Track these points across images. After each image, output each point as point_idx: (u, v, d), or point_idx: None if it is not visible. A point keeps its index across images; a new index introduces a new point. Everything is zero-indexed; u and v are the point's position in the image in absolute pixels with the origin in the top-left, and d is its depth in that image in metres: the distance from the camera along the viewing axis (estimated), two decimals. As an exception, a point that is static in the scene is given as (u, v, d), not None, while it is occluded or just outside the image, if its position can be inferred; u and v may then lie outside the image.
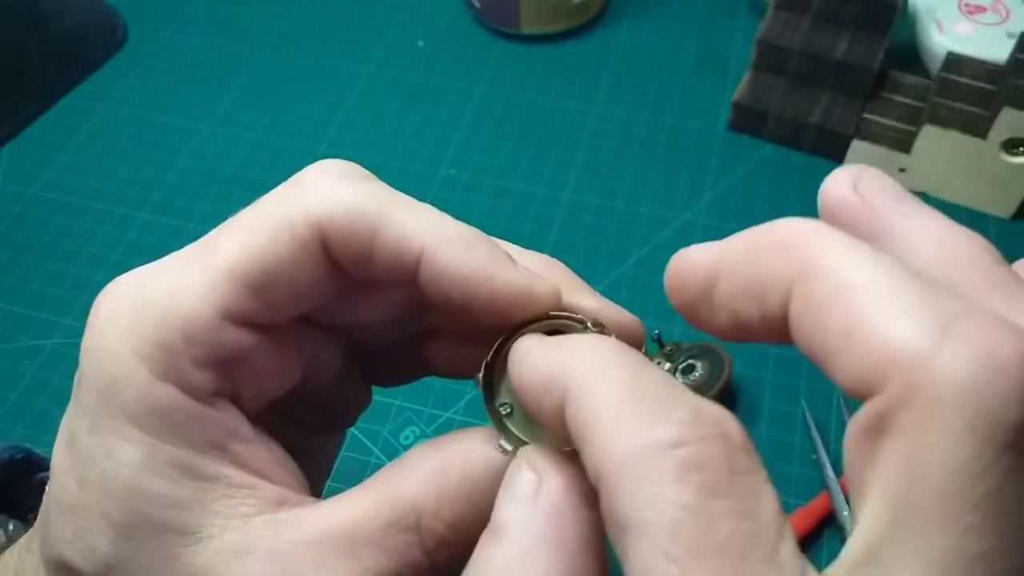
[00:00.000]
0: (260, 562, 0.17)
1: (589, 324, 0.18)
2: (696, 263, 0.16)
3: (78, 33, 0.59)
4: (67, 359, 0.42)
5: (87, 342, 0.19)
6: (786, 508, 0.33)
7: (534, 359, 0.17)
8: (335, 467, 0.26)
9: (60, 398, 0.41)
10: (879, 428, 0.12)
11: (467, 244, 0.19)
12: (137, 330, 0.18)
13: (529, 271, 0.19)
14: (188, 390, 0.18)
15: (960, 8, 0.52)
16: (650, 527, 0.13)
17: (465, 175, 0.50)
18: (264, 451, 0.19)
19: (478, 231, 0.20)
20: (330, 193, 0.19)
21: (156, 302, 0.18)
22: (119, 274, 0.19)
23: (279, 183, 0.56)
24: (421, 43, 0.58)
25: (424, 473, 0.18)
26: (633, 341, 0.19)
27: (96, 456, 0.18)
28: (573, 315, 0.19)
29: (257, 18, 0.60)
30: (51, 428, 0.40)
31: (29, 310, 0.44)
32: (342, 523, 0.18)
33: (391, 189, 0.20)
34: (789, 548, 0.13)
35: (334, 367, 0.22)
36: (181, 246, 0.52)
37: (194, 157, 0.51)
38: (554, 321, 0.19)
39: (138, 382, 0.18)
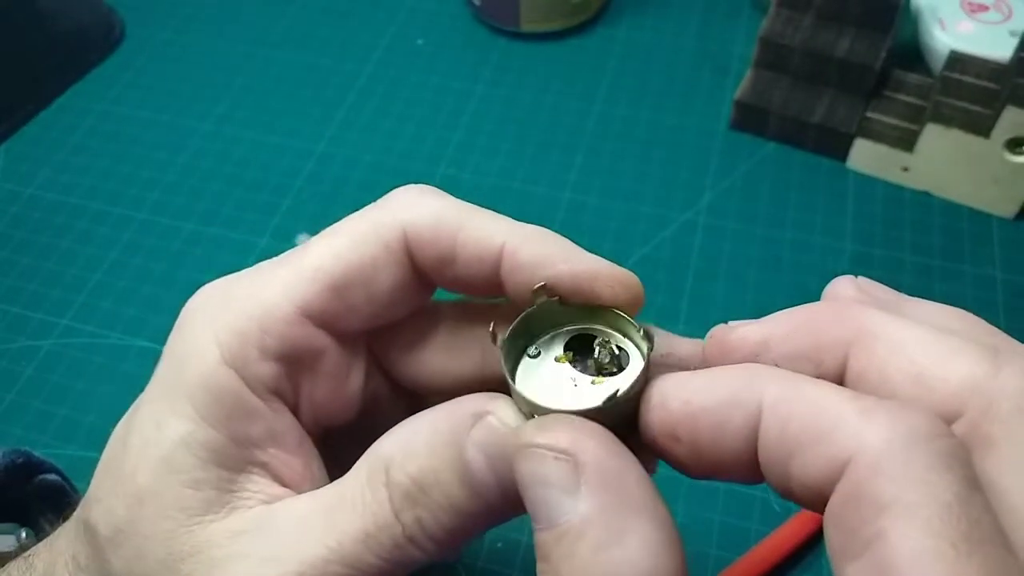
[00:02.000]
0: (250, 537, 0.18)
1: (639, 328, 0.19)
2: (746, 335, 0.18)
3: (76, 32, 0.59)
4: (64, 359, 0.42)
5: (181, 322, 0.20)
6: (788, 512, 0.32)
7: (705, 384, 0.17)
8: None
9: (57, 398, 0.40)
10: (858, 498, 0.14)
11: (544, 236, 0.20)
12: (220, 317, 0.19)
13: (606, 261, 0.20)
14: (249, 380, 0.19)
15: (962, 6, 0.52)
16: (922, 510, 0.13)
17: (465, 174, 0.49)
18: (300, 465, 0.20)
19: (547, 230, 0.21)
20: (415, 202, 0.21)
21: (242, 294, 0.20)
22: (117, 274, 0.20)
23: (278, 183, 0.56)
24: (421, 42, 0.58)
25: (397, 432, 0.19)
26: (636, 299, 0.20)
27: (146, 422, 0.19)
28: (624, 315, 0.20)
29: (256, 17, 0.60)
30: (48, 428, 0.40)
31: (26, 310, 0.44)
32: (328, 494, 0.19)
33: (471, 204, 0.22)
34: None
35: (394, 414, 0.22)
36: (179, 246, 0.52)
37: (192, 156, 0.51)
38: (603, 314, 0.20)
39: (206, 362, 0.19)
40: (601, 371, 0.19)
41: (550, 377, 0.19)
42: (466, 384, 0.22)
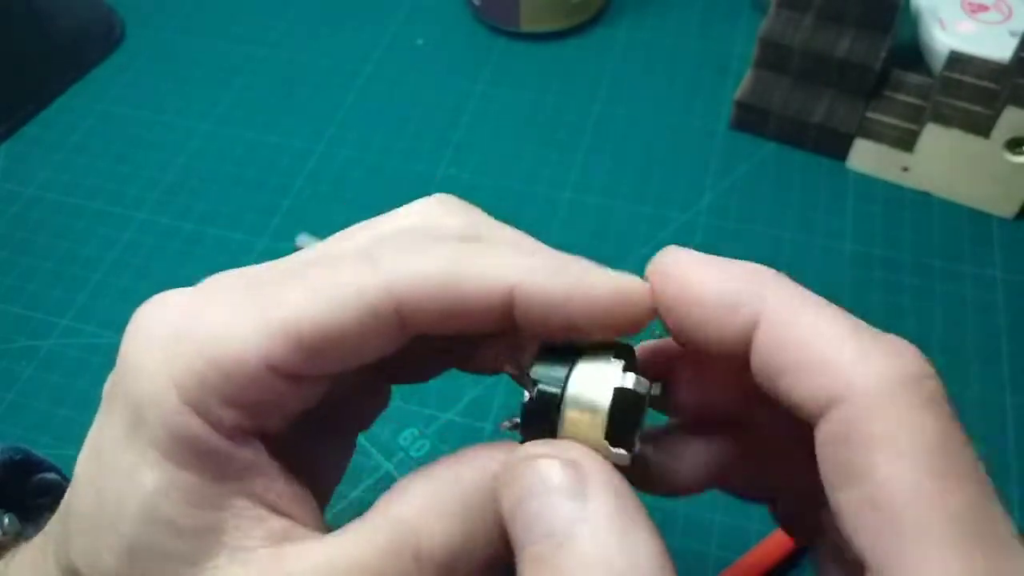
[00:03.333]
0: None
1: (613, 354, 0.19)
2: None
3: (75, 32, 0.59)
4: (64, 359, 0.42)
5: (126, 355, 0.18)
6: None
7: (708, 275, 0.17)
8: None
9: (57, 399, 0.40)
10: (849, 434, 0.15)
11: (555, 270, 0.18)
12: (179, 356, 0.18)
13: (622, 276, 0.19)
14: (215, 425, 0.18)
15: (963, 7, 0.52)
16: (911, 448, 0.14)
17: (465, 174, 0.49)
18: (283, 485, 0.19)
19: (560, 253, 0.20)
20: (405, 263, 0.18)
21: (204, 335, 0.18)
22: (117, 274, 0.19)
23: (278, 182, 0.56)
24: (420, 41, 0.58)
25: (419, 496, 0.18)
26: (643, 313, 0.19)
27: (118, 473, 0.18)
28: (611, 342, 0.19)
29: (256, 17, 0.60)
30: (48, 429, 0.40)
31: (26, 310, 0.44)
32: (341, 554, 0.18)
33: (477, 221, 0.21)
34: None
35: (360, 379, 0.21)
36: (180, 246, 0.52)
37: (192, 156, 0.51)
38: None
39: (167, 408, 0.17)
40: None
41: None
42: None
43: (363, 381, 0.22)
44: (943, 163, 0.46)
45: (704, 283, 0.17)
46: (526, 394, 0.18)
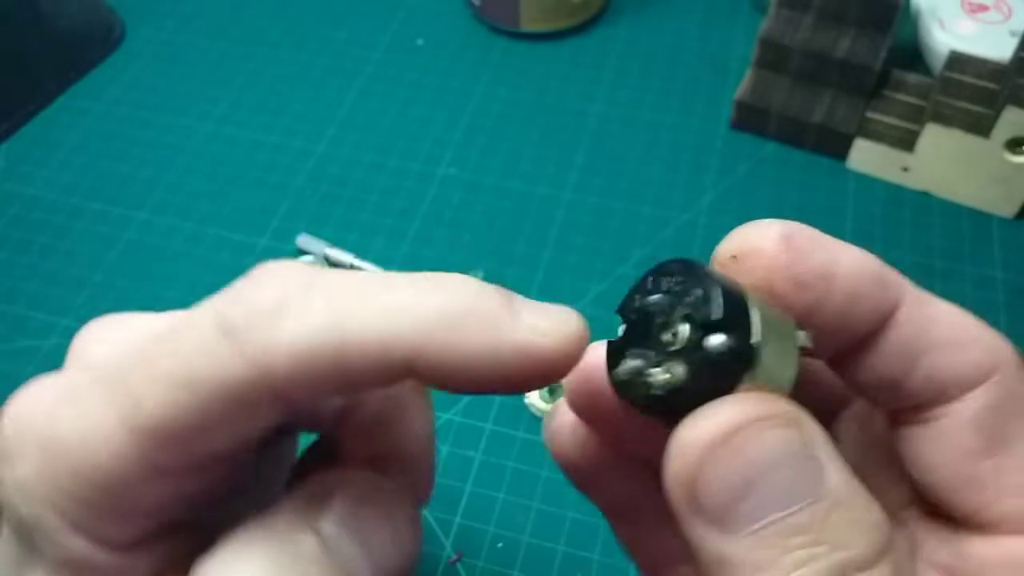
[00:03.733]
0: None
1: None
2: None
3: (76, 32, 0.59)
4: (65, 360, 0.42)
5: (5, 462, 0.16)
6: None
7: (849, 250, 0.17)
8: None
9: (57, 399, 0.40)
10: (1007, 401, 0.16)
11: (457, 324, 0.15)
12: (52, 476, 0.16)
13: (538, 322, 0.15)
14: (106, 542, 0.16)
15: (963, 6, 0.52)
16: None
17: (465, 174, 0.49)
18: (191, 559, 0.17)
19: (463, 284, 0.15)
20: (270, 336, 0.14)
21: (70, 447, 0.16)
22: (117, 274, 0.18)
23: (278, 182, 0.55)
24: (421, 41, 0.58)
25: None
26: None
27: None
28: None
29: (256, 17, 0.60)
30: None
31: (26, 310, 0.44)
32: None
33: (344, 282, 0.15)
34: None
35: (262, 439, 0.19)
36: (180, 246, 0.52)
37: (192, 156, 0.51)
38: None
39: (52, 532, 0.16)
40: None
41: None
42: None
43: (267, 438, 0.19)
44: (943, 163, 0.46)
45: (849, 255, 0.16)
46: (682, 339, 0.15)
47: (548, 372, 0.15)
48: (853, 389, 0.18)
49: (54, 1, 0.60)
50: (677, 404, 0.15)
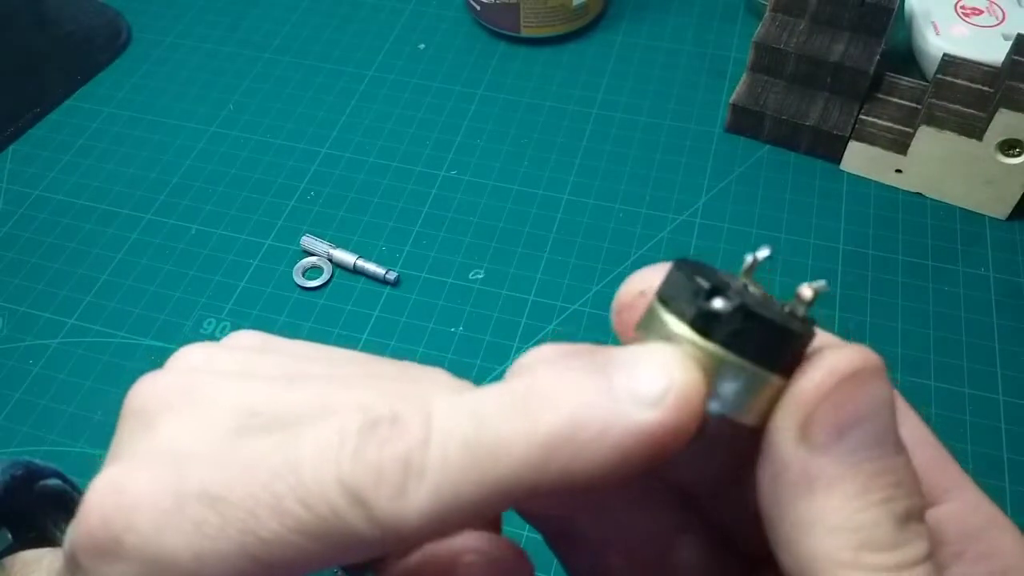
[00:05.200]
0: None
1: None
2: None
3: (82, 36, 0.59)
4: (72, 358, 0.43)
5: (98, 567, 0.16)
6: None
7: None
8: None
9: (64, 397, 0.41)
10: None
11: (569, 445, 0.14)
12: None
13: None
14: None
15: (956, 10, 0.52)
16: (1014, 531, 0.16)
17: (465, 177, 0.50)
18: None
19: (557, 387, 0.14)
20: (400, 512, 0.14)
21: (182, 566, 0.16)
22: (124, 274, 0.18)
23: (283, 185, 0.56)
24: (422, 46, 0.58)
25: None
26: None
27: None
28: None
29: (260, 22, 0.61)
30: (55, 427, 0.40)
31: (34, 309, 0.45)
32: None
33: (455, 428, 0.15)
34: None
35: None
36: (185, 246, 0.52)
37: (198, 159, 0.52)
38: None
39: None
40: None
41: None
42: None
43: None
44: (936, 165, 0.46)
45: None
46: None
47: (675, 438, 0.14)
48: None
49: (61, 5, 0.61)
50: (768, 343, 0.14)
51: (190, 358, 0.20)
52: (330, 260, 0.46)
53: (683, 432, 0.14)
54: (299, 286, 0.45)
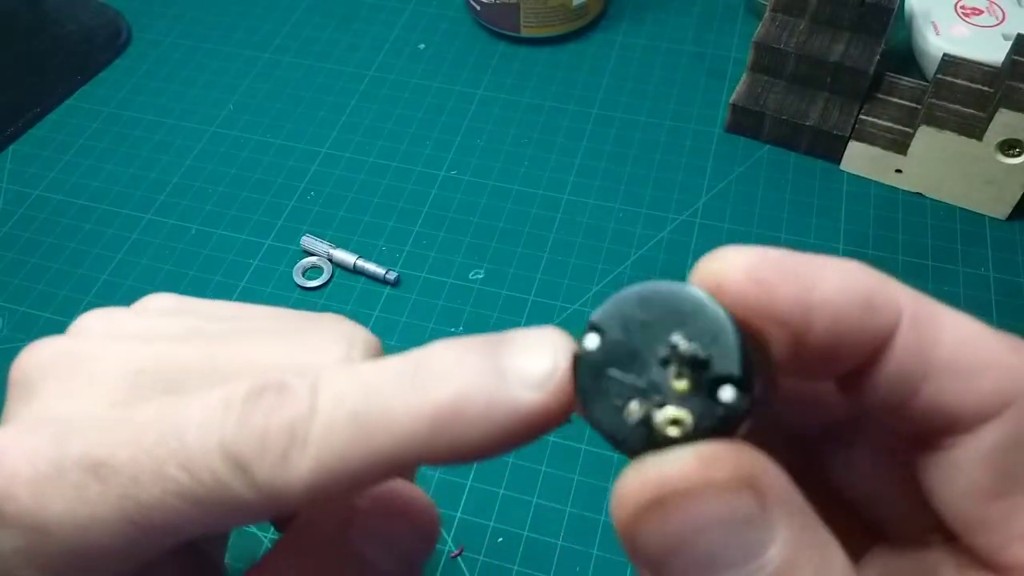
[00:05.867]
0: None
1: None
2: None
3: (82, 36, 0.59)
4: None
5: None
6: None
7: (828, 273, 0.14)
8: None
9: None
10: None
11: (455, 418, 0.14)
12: (39, 549, 0.16)
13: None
14: None
15: (956, 10, 0.52)
16: None
17: (465, 176, 0.50)
18: None
19: (446, 362, 0.15)
20: (282, 479, 0.15)
21: (64, 532, 0.16)
22: (124, 274, 0.19)
23: (283, 184, 0.56)
24: (422, 46, 0.58)
25: None
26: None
27: None
28: None
29: (260, 22, 0.61)
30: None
31: (33, 310, 0.45)
32: None
33: (340, 400, 0.15)
34: None
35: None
36: (185, 246, 0.52)
37: (198, 159, 0.52)
38: None
39: None
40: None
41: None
42: None
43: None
44: (936, 165, 0.46)
45: (827, 281, 0.14)
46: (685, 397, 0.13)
47: (557, 419, 0.14)
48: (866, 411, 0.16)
49: (61, 5, 0.61)
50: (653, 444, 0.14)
51: (87, 322, 0.20)
52: (330, 260, 0.46)
53: (563, 413, 0.14)
54: (299, 286, 0.45)
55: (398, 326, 0.43)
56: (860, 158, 0.49)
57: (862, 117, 0.48)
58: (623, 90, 0.55)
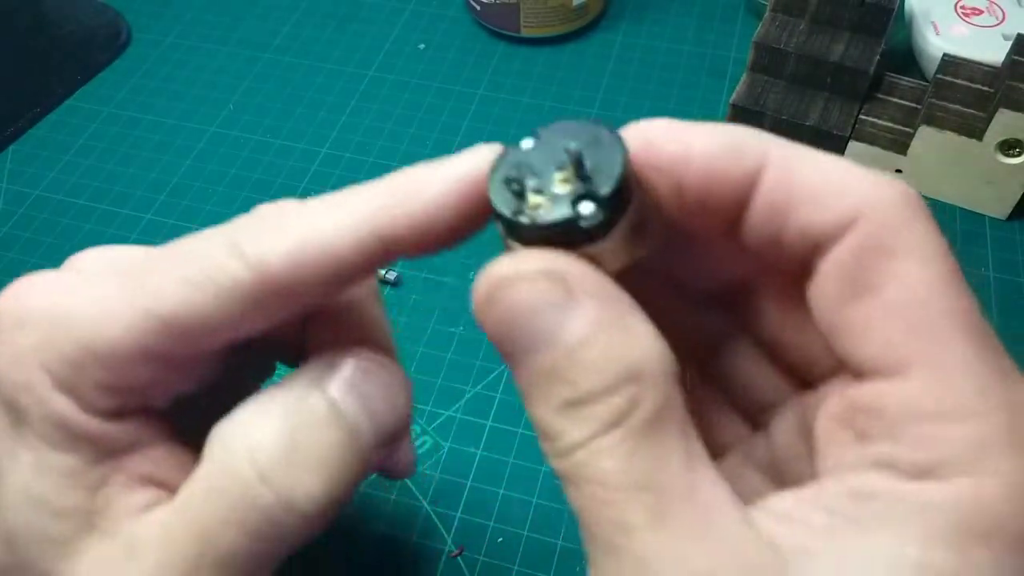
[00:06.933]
0: (120, 563, 0.18)
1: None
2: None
3: (82, 36, 0.59)
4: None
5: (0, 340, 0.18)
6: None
7: (702, 131, 0.17)
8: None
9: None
10: (870, 247, 0.15)
11: (402, 199, 0.18)
12: (51, 341, 0.18)
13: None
14: (90, 408, 0.18)
15: (956, 10, 0.52)
16: (931, 256, 0.15)
17: (465, 176, 0.50)
18: (164, 455, 0.19)
19: (400, 175, 0.19)
20: (267, 247, 0.18)
21: (76, 319, 0.18)
22: None
23: (283, 185, 0.57)
24: (422, 46, 0.58)
25: (243, 418, 0.19)
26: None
27: (2, 459, 0.18)
28: None
29: (260, 22, 0.61)
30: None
31: (34, 310, 0.45)
32: (183, 497, 0.18)
33: (317, 201, 0.19)
34: None
35: (247, 354, 0.22)
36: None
37: (198, 159, 0.52)
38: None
39: (40, 393, 0.18)
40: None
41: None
42: None
43: (251, 354, 0.22)
44: (936, 165, 0.46)
45: (702, 136, 0.17)
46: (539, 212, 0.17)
47: (469, 201, 0.18)
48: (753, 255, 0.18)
49: (61, 5, 0.61)
50: (526, 233, 0.17)
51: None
52: (330, 260, 0.46)
53: (480, 198, 0.18)
54: (299, 286, 0.45)
55: (398, 326, 0.43)
56: (860, 158, 0.49)
57: (862, 117, 0.48)
58: (623, 90, 0.55)
